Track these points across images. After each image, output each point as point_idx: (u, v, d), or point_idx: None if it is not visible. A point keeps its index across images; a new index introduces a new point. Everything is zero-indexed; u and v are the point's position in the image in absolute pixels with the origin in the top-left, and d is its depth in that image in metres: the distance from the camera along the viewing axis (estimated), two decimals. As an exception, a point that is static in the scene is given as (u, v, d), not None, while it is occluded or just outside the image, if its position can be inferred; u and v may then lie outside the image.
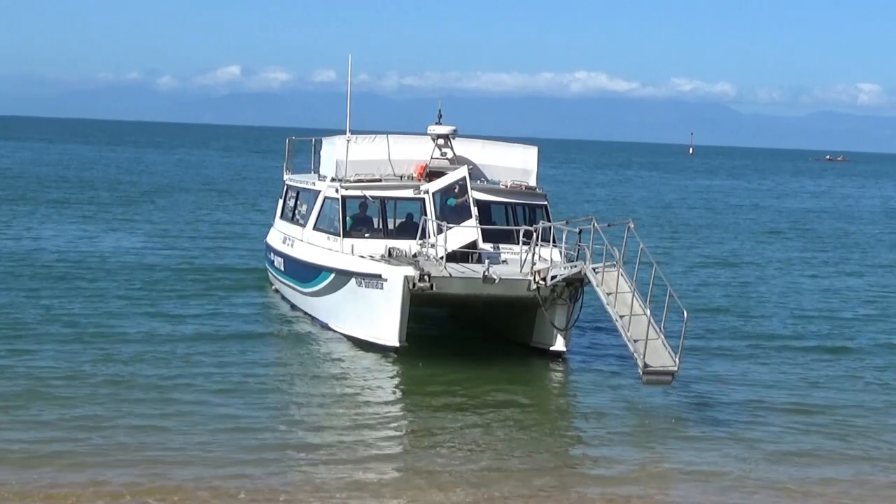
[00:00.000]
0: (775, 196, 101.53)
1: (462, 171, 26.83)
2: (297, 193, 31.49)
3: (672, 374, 21.28)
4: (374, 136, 29.08)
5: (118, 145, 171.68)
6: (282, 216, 32.75)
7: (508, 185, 28.11)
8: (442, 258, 24.82)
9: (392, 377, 23.43)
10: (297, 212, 31.04)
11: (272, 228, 33.47)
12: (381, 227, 27.73)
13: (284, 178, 33.57)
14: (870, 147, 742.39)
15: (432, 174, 27.76)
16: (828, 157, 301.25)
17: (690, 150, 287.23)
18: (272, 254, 31.95)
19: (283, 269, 30.45)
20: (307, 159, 33.52)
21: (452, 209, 26.40)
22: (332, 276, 26.16)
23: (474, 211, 26.16)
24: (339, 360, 24.74)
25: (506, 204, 27.78)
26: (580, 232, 24.45)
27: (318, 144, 31.35)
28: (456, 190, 26.78)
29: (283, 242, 30.69)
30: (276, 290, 32.06)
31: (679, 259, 44.68)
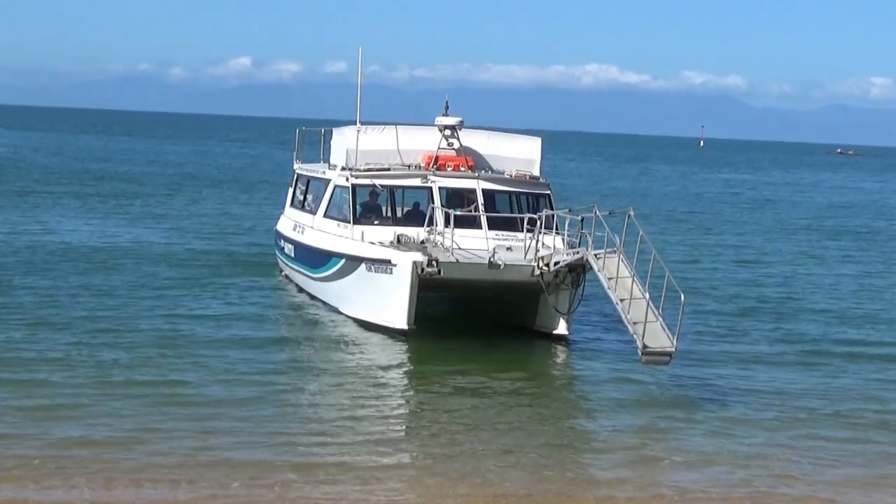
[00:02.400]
0: (800, 190, 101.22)
1: (473, 184, 27.70)
2: (308, 182, 32.24)
3: (670, 354, 22.00)
4: (383, 126, 29.86)
5: (130, 136, 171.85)
6: (292, 204, 33.52)
7: (513, 174, 28.84)
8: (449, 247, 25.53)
9: (400, 359, 24.11)
10: (307, 200, 31.81)
11: (282, 216, 34.20)
12: (389, 214, 28.56)
13: (294, 168, 34.32)
14: (882, 141, 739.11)
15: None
16: (839, 150, 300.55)
17: (701, 144, 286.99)
18: (282, 240, 32.70)
19: (293, 255, 31.21)
20: (316, 149, 34.25)
21: (456, 217, 26.95)
22: (343, 261, 26.91)
23: (484, 220, 26.84)
24: (349, 342, 25.41)
25: (510, 193, 28.51)
26: (582, 220, 25.20)
27: (328, 135, 32.14)
28: (465, 198, 27.58)
29: (294, 229, 31.45)
30: (286, 276, 32.82)
31: (710, 255, 44.50)
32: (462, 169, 28.54)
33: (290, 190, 34.29)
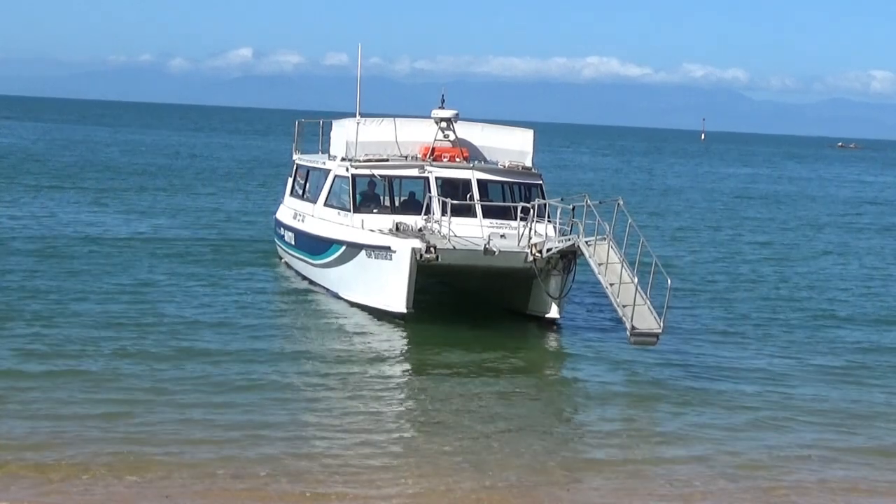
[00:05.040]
0: (817, 184, 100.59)
1: (469, 175, 28.69)
2: (307, 172, 33.17)
3: (656, 335, 23.11)
4: (381, 119, 30.89)
5: (137, 127, 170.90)
6: (291, 193, 34.46)
7: (506, 165, 29.85)
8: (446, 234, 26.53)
9: (399, 342, 24.99)
10: (306, 189, 32.76)
11: (282, 205, 35.08)
12: (388, 203, 29.56)
13: (294, 158, 35.23)
14: (882, 134, 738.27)
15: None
16: (840, 143, 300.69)
17: (702, 136, 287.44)
18: (282, 229, 33.62)
19: (293, 242, 32.15)
20: (314, 140, 35.06)
21: (453, 206, 27.82)
22: (343, 248, 27.86)
23: (479, 209, 27.83)
24: (350, 326, 26.28)
25: (503, 183, 29.56)
26: (573, 208, 26.24)
27: (327, 126, 33.14)
28: (460, 188, 28.50)
29: (294, 218, 32.38)
30: (285, 263, 33.74)
31: (714, 246, 44.89)
32: (457, 160, 29.51)
33: (290, 180, 35.20)
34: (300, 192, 33.42)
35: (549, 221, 27.20)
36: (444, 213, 26.98)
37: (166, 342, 23.38)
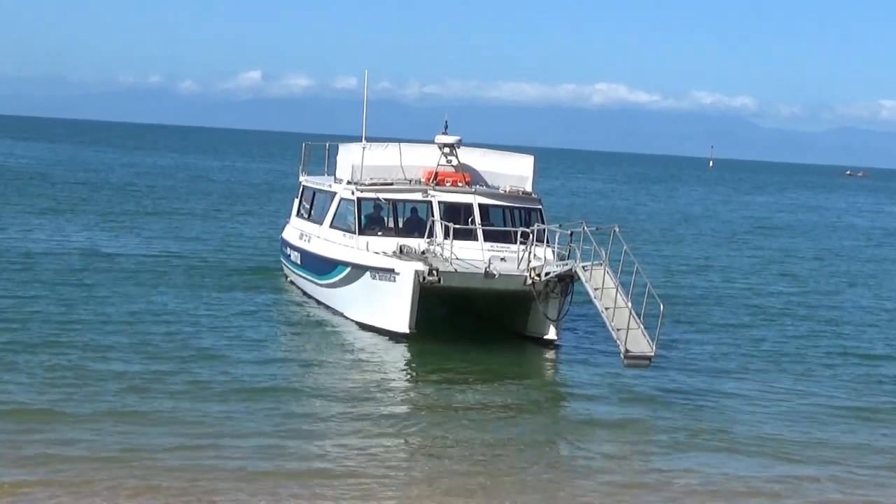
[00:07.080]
0: (835, 215, 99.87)
1: (470, 199, 29.44)
2: (314, 194, 33.96)
3: (649, 358, 23.82)
4: (386, 143, 31.68)
5: (141, 149, 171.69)
6: (298, 214, 35.26)
7: (507, 190, 30.60)
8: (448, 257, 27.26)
9: (402, 361, 25.65)
10: (313, 210, 33.54)
11: (288, 225, 35.87)
12: (392, 226, 30.33)
13: (301, 180, 36.03)
14: (891, 164, 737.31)
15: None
16: (848, 172, 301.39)
17: (710, 164, 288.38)
18: (288, 248, 34.35)
19: (299, 262, 32.88)
20: (320, 163, 35.79)
21: (455, 229, 28.14)
22: (349, 269, 28.58)
23: (480, 233, 28.62)
24: (354, 345, 26.98)
25: (504, 207, 30.30)
26: (571, 234, 26.99)
27: (333, 150, 33.96)
28: (462, 212, 29.19)
29: (300, 238, 33.13)
30: (291, 282, 34.49)
31: (725, 274, 45.07)
32: (460, 184, 30.24)
33: (296, 201, 35.99)
34: (306, 213, 34.20)
35: (547, 245, 27.92)
36: (446, 236, 27.75)
37: (171, 362, 23.62)
